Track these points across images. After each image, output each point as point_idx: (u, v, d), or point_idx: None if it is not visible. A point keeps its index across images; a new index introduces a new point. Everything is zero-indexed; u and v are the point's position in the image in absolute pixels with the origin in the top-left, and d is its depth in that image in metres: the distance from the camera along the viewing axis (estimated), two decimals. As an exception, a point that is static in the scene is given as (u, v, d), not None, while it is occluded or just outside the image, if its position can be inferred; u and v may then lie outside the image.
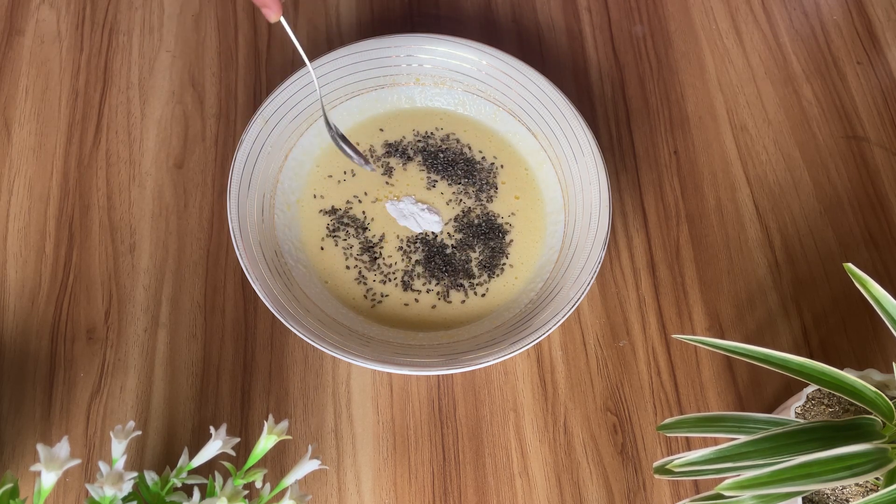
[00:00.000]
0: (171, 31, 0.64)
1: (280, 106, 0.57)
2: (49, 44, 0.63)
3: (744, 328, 0.56)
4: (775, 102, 0.64)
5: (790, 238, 0.59)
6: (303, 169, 0.58)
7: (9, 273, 0.54)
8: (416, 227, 0.57)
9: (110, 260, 0.55)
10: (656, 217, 0.59)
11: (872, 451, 0.33)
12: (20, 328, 0.53)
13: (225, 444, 0.41)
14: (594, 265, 0.51)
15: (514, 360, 0.54)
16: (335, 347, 0.49)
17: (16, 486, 0.38)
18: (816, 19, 0.68)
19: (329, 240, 0.56)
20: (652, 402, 0.53)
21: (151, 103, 0.61)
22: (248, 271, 0.50)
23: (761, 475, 0.32)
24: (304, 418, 0.52)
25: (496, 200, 0.59)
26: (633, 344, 0.55)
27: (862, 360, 0.55)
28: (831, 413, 0.46)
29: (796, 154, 0.62)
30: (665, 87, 0.65)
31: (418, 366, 0.49)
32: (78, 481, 0.49)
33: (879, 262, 0.59)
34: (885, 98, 0.65)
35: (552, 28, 0.67)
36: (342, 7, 0.67)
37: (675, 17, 0.68)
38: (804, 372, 0.38)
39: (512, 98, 0.60)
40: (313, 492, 0.50)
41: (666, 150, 0.62)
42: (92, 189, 0.58)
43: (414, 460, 0.51)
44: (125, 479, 0.37)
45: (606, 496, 0.50)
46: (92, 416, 0.51)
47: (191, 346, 0.53)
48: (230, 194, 0.53)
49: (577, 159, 0.57)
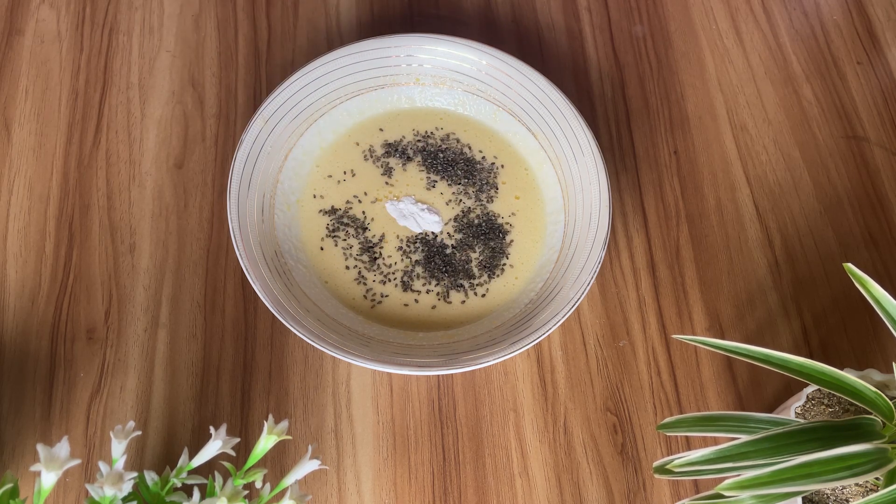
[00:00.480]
0: (171, 31, 0.64)
1: (280, 106, 0.57)
2: (49, 44, 0.63)
3: (744, 328, 0.56)
4: (775, 102, 0.64)
5: (790, 238, 0.59)
6: (303, 169, 0.58)
7: (9, 273, 0.54)
8: (415, 227, 0.57)
9: (110, 260, 0.55)
10: (656, 217, 0.59)
11: (872, 451, 0.33)
12: (20, 328, 0.53)
13: (225, 444, 0.41)
14: (594, 265, 0.51)
15: (514, 360, 0.54)
16: (335, 347, 0.49)
17: (16, 486, 0.38)
18: (816, 19, 0.68)
19: (329, 240, 0.56)
20: (652, 402, 0.53)
21: (151, 103, 0.61)
22: (248, 271, 0.50)
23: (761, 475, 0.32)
24: (304, 418, 0.52)
25: (496, 201, 0.59)
26: (633, 344, 0.55)
27: (862, 360, 0.55)
28: (831, 413, 0.46)
29: (796, 154, 0.62)
30: (665, 87, 0.65)
31: (418, 366, 0.49)
32: (78, 481, 0.49)
33: (879, 262, 0.59)
34: (885, 98, 0.65)
35: (552, 28, 0.67)
36: (342, 7, 0.67)
37: (675, 17, 0.68)
38: (804, 372, 0.38)
39: (512, 98, 0.60)
40: (313, 492, 0.50)
41: (666, 150, 0.62)
42: (92, 189, 0.58)
43: (414, 460, 0.51)
44: (125, 479, 0.37)
45: (606, 496, 0.50)
46: (92, 416, 0.51)
47: (191, 346, 0.53)
48: (230, 194, 0.53)
49: (577, 159, 0.57)
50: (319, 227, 0.57)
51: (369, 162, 0.59)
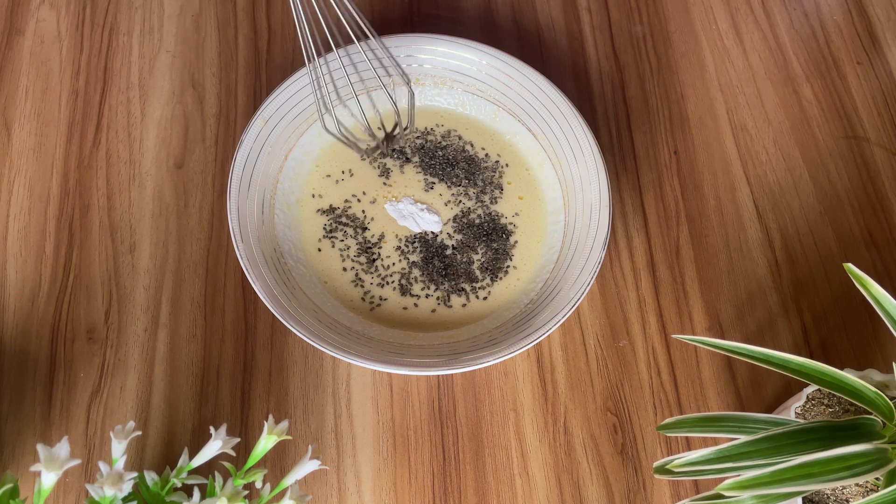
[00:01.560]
0: (171, 31, 0.64)
1: (280, 106, 0.57)
2: (49, 44, 0.63)
3: (744, 328, 0.56)
4: (775, 102, 0.64)
5: (790, 238, 0.59)
6: (302, 169, 0.58)
7: (9, 273, 0.54)
8: (415, 226, 0.57)
9: (110, 260, 0.55)
10: (656, 217, 0.59)
11: (872, 451, 0.33)
12: (20, 328, 0.53)
13: (225, 444, 0.41)
14: (594, 265, 0.51)
15: (514, 360, 0.54)
16: (335, 347, 0.49)
17: (16, 486, 0.38)
18: (816, 19, 0.68)
19: (326, 241, 0.56)
20: (652, 402, 0.53)
21: (151, 103, 0.61)
22: (248, 271, 0.50)
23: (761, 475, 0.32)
24: (304, 418, 0.52)
25: (501, 201, 0.59)
26: (633, 344, 0.55)
27: (862, 360, 0.55)
28: (831, 413, 0.46)
29: (796, 154, 0.62)
30: (665, 87, 0.65)
31: (418, 366, 0.49)
32: (78, 481, 0.49)
33: (879, 262, 0.59)
34: (885, 98, 0.65)
35: (552, 28, 0.67)
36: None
37: (675, 17, 0.68)
38: (804, 372, 0.38)
39: (512, 98, 0.60)
40: (313, 492, 0.50)
41: (666, 151, 0.62)
42: (92, 189, 0.58)
43: (414, 460, 0.51)
44: (125, 479, 0.37)
45: (606, 496, 0.50)
46: (92, 416, 0.51)
47: (191, 346, 0.53)
48: (230, 194, 0.53)
49: (577, 159, 0.57)
50: (318, 227, 0.57)
51: (367, 161, 0.59)
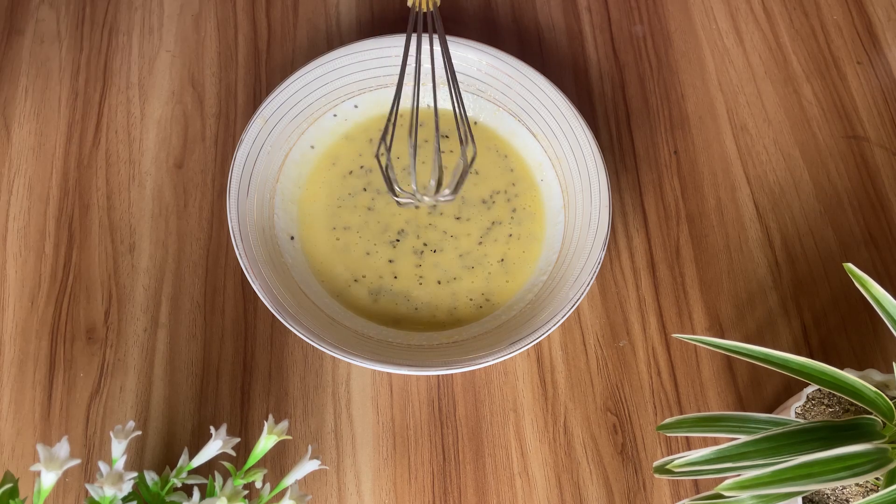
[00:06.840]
0: (171, 31, 0.64)
1: (280, 106, 0.57)
2: (49, 43, 0.63)
3: (744, 328, 0.56)
4: (775, 102, 0.64)
5: (790, 238, 0.59)
6: (303, 169, 0.58)
7: (9, 273, 0.54)
8: (414, 226, 0.57)
9: (110, 260, 0.55)
10: (656, 217, 0.59)
11: (872, 451, 0.33)
12: (20, 328, 0.53)
13: (225, 444, 0.41)
14: (594, 265, 0.51)
15: (514, 360, 0.54)
16: (335, 347, 0.49)
17: (16, 486, 0.38)
18: (816, 19, 0.68)
19: (327, 240, 0.56)
20: (652, 402, 0.53)
21: (151, 103, 0.61)
22: (248, 271, 0.50)
23: (761, 475, 0.32)
24: (304, 418, 0.52)
25: (498, 200, 0.59)
26: (633, 344, 0.55)
27: (862, 360, 0.55)
28: (831, 413, 0.46)
29: (796, 154, 0.62)
30: (665, 87, 0.65)
31: (418, 366, 0.49)
32: (78, 481, 0.49)
33: (879, 262, 0.59)
34: (885, 98, 0.65)
35: (552, 28, 0.67)
36: (342, 7, 0.67)
37: (675, 17, 0.68)
38: (804, 372, 0.38)
39: (512, 98, 0.60)
40: (313, 492, 0.50)
41: (666, 150, 0.62)
42: (92, 189, 0.58)
43: (414, 460, 0.51)
44: (125, 479, 0.37)
45: (606, 496, 0.50)
46: (92, 416, 0.51)
47: (191, 346, 0.53)
48: (230, 194, 0.53)
49: (577, 159, 0.57)
50: (318, 226, 0.57)
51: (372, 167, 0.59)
